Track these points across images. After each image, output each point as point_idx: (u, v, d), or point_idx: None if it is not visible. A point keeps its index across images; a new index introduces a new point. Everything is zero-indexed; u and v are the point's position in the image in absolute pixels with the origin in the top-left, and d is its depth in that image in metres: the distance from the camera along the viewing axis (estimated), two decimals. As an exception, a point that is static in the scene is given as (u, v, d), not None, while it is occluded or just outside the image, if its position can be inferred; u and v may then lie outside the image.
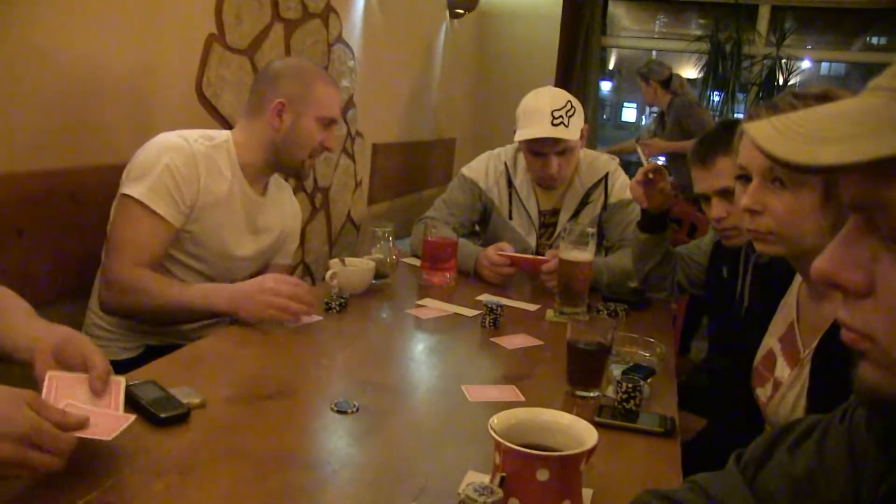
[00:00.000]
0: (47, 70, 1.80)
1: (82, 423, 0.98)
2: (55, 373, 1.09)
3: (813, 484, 0.78)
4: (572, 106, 2.30)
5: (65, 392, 1.06)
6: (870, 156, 0.49)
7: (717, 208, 1.76)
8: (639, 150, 2.21)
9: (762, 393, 1.47)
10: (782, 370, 1.42)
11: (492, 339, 1.76)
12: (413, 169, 4.37)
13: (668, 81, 4.83)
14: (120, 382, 1.14)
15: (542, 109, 2.26)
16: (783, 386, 1.39)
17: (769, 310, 1.56)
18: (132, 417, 1.07)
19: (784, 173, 1.30)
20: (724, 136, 1.67)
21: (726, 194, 1.71)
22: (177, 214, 1.78)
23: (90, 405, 1.07)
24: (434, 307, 1.96)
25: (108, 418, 1.04)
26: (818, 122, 0.54)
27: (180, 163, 1.78)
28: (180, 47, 2.28)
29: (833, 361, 1.23)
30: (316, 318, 1.77)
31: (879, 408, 0.58)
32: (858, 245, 0.56)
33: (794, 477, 0.80)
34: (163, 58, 2.19)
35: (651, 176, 1.95)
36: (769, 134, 0.55)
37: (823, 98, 1.25)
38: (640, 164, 2.12)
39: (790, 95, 1.35)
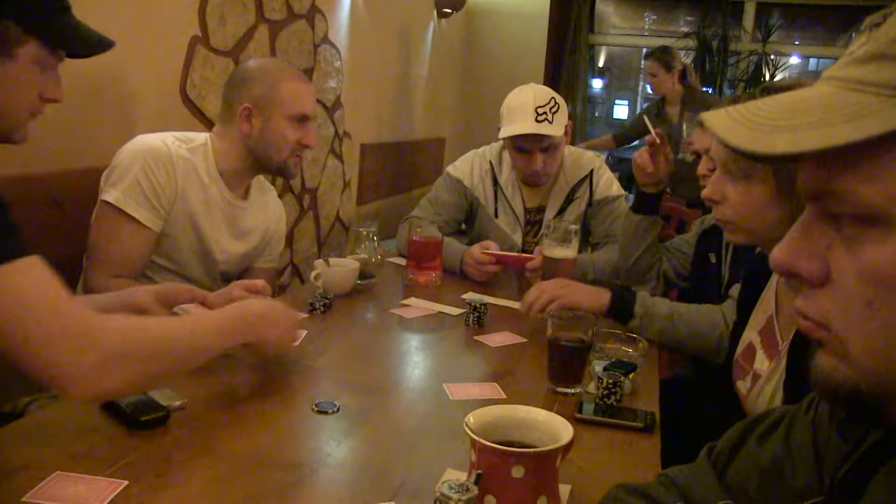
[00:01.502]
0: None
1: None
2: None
3: (779, 473, 0.79)
4: (556, 102, 2.30)
5: None
6: (821, 144, 0.50)
7: (702, 165, 1.86)
8: (646, 119, 2.28)
9: (742, 386, 1.48)
10: (761, 363, 1.43)
11: (475, 338, 1.76)
12: (402, 169, 4.37)
13: (685, 72, 4.70)
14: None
15: (526, 106, 2.27)
16: (762, 378, 1.40)
17: (749, 299, 1.58)
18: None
19: (735, 165, 1.36)
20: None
21: (709, 153, 1.78)
22: (155, 219, 1.78)
23: None
24: (419, 306, 1.97)
25: None
26: (772, 111, 0.55)
27: (157, 166, 1.77)
28: (164, 49, 2.27)
29: (808, 353, 1.24)
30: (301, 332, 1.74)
31: (834, 397, 0.58)
32: (814, 234, 0.57)
33: (761, 467, 0.81)
34: (146, 60, 2.19)
35: (658, 141, 2.02)
36: (725, 123, 0.56)
37: (789, 90, 1.28)
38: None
39: (758, 90, 1.38)
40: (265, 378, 1.44)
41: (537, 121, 2.25)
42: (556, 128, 2.28)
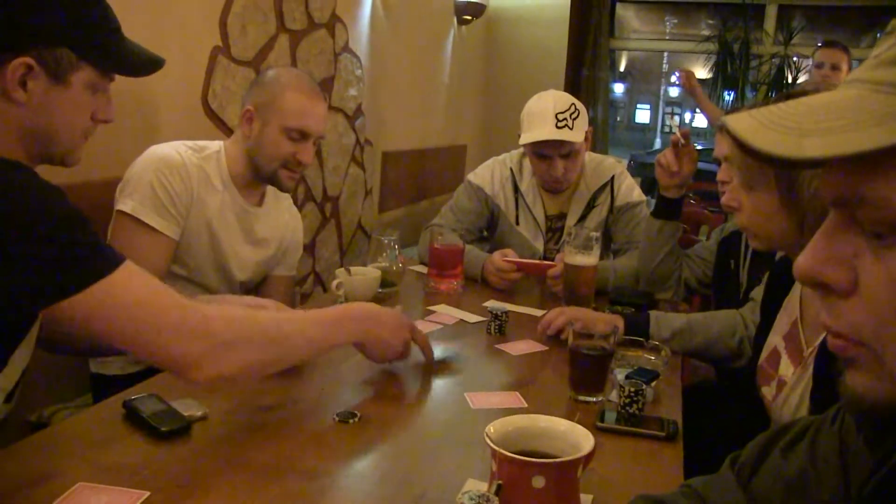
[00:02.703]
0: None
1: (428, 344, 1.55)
2: None
3: (805, 485, 0.77)
4: (576, 108, 2.30)
5: None
6: (854, 149, 0.48)
7: (722, 172, 1.84)
8: (669, 120, 2.31)
9: (767, 392, 1.46)
10: (786, 369, 1.41)
11: (497, 346, 1.76)
12: (424, 176, 4.37)
13: None
14: None
15: (546, 112, 2.26)
16: (787, 386, 1.38)
17: (773, 303, 1.57)
18: None
19: (743, 174, 1.35)
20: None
21: (728, 161, 1.79)
22: (173, 226, 1.79)
23: None
24: (445, 313, 1.96)
25: None
26: (799, 114, 0.53)
27: (171, 175, 1.78)
28: (185, 60, 2.30)
29: (835, 361, 1.23)
30: None
31: (869, 416, 0.56)
32: (840, 241, 0.54)
33: (786, 478, 0.80)
34: (168, 70, 2.18)
35: (683, 141, 2.03)
36: (750, 125, 0.53)
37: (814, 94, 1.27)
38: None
39: (782, 95, 1.38)
40: (286, 388, 1.44)
41: (557, 127, 2.24)
42: (577, 134, 2.27)
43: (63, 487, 1.00)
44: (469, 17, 4.70)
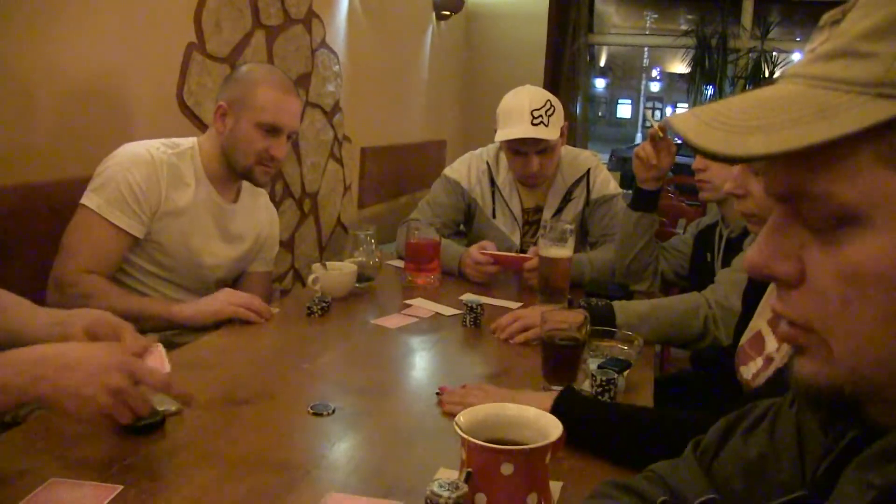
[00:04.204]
0: (23, 83, 1.82)
1: (167, 385, 1.12)
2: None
3: (764, 467, 0.79)
4: (552, 105, 2.31)
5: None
6: (796, 144, 0.49)
7: (697, 160, 1.96)
8: (647, 115, 2.33)
9: (746, 371, 1.48)
10: (773, 347, 1.43)
11: (472, 338, 1.77)
12: (403, 171, 4.38)
13: None
14: (159, 349, 1.27)
15: (522, 109, 2.28)
16: (776, 361, 1.40)
17: (755, 291, 1.60)
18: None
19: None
20: None
21: None
22: (137, 224, 1.79)
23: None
24: (419, 307, 1.97)
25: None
26: (741, 111, 0.54)
27: (140, 175, 1.78)
28: (160, 57, 2.29)
29: None
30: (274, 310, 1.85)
31: (816, 402, 0.58)
32: (786, 235, 0.56)
33: (747, 461, 0.81)
34: (143, 68, 2.21)
35: (661, 135, 2.08)
36: (693, 125, 0.55)
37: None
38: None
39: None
40: (261, 381, 1.45)
41: (533, 124, 2.26)
42: (552, 130, 2.28)
43: (35, 484, 1.00)
44: (448, 13, 4.71)
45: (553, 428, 0.99)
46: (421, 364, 1.67)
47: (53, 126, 1.93)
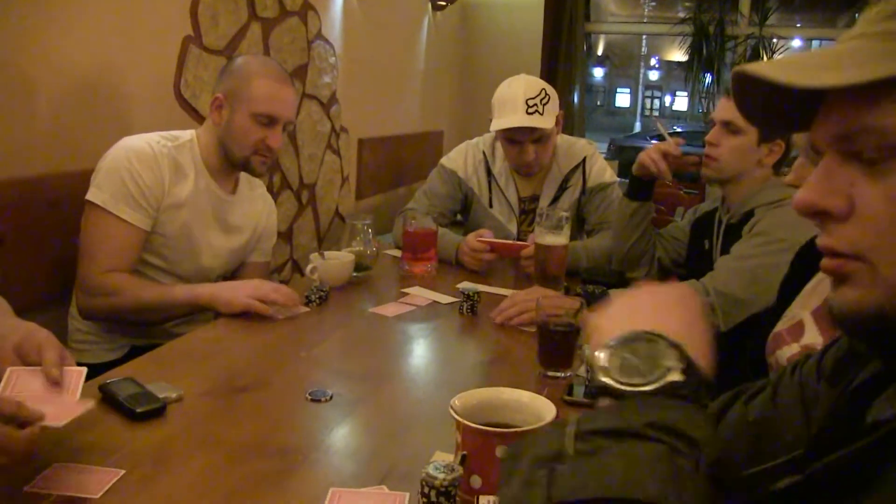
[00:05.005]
0: (21, 78, 1.83)
1: (38, 417, 0.98)
2: (15, 368, 1.11)
3: (767, 428, 0.83)
4: (546, 94, 2.32)
5: (24, 385, 1.08)
6: (866, 77, 0.56)
7: (713, 133, 1.97)
8: (659, 126, 2.31)
9: (781, 355, 1.48)
10: (815, 338, 1.43)
11: (468, 326, 1.79)
12: (401, 162, 4.39)
13: None
14: (80, 372, 1.13)
15: (516, 98, 2.28)
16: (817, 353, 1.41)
17: (795, 281, 1.62)
18: (90, 404, 1.07)
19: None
20: None
21: (728, 126, 1.93)
22: (144, 218, 1.81)
23: (48, 395, 1.08)
24: (416, 296, 1.99)
25: (63, 407, 1.05)
26: (812, 57, 0.61)
27: (142, 167, 1.80)
28: (157, 50, 2.30)
29: None
30: (302, 309, 1.81)
31: (859, 326, 0.62)
32: (836, 175, 0.62)
33: (750, 422, 0.85)
34: (140, 61, 2.22)
35: (678, 152, 2.09)
36: (768, 66, 0.61)
37: None
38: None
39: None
40: (260, 369, 1.47)
41: (528, 113, 2.27)
42: (547, 119, 2.29)
43: (40, 468, 1.02)
44: (444, 3, 4.71)
45: (547, 411, 1.01)
46: (418, 351, 1.69)
47: (52, 120, 1.94)
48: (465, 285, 1.99)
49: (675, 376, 0.63)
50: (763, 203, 1.92)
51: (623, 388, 0.63)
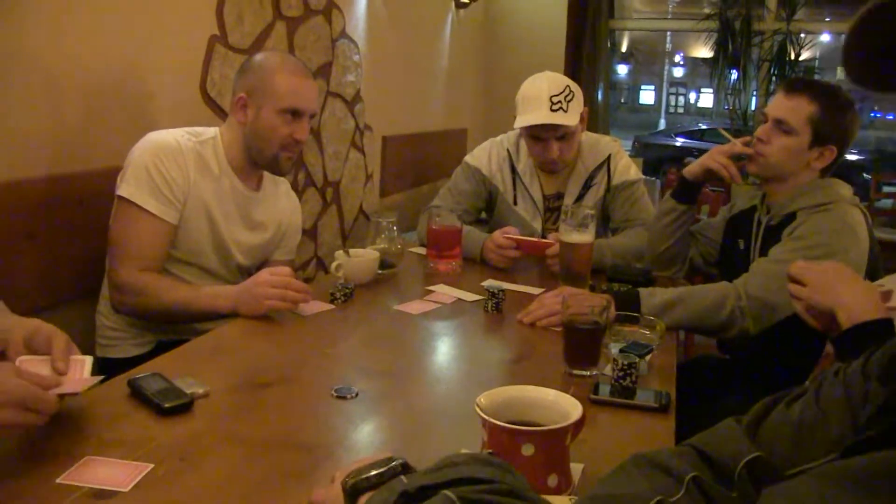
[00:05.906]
0: (51, 77, 1.85)
1: (56, 383, 1.10)
2: (24, 357, 1.19)
3: (812, 427, 0.82)
4: (571, 91, 2.31)
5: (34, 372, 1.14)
6: None
7: (763, 129, 1.94)
8: (722, 132, 2.25)
9: None
10: None
11: (493, 323, 1.78)
12: (425, 160, 4.39)
13: None
14: (84, 360, 1.21)
15: (541, 95, 2.28)
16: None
17: None
18: (99, 378, 1.18)
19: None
20: (817, 86, 1.94)
21: (779, 125, 1.90)
22: (171, 211, 1.83)
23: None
24: (441, 293, 1.98)
25: (75, 383, 1.16)
26: None
27: (167, 159, 1.82)
28: (183, 49, 2.32)
29: None
30: (326, 307, 1.82)
31: None
32: None
33: (793, 424, 0.84)
34: (166, 60, 2.24)
35: (748, 151, 2.01)
36: None
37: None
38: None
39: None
40: (286, 365, 1.47)
41: (552, 110, 2.26)
42: (571, 116, 2.28)
43: (72, 461, 1.04)
44: (466, 1, 4.71)
45: (573, 409, 1.01)
46: (443, 349, 1.68)
47: (80, 118, 1.96)
48: (490, 283, 1.99)
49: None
50: (807, 206, 1.86)
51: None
